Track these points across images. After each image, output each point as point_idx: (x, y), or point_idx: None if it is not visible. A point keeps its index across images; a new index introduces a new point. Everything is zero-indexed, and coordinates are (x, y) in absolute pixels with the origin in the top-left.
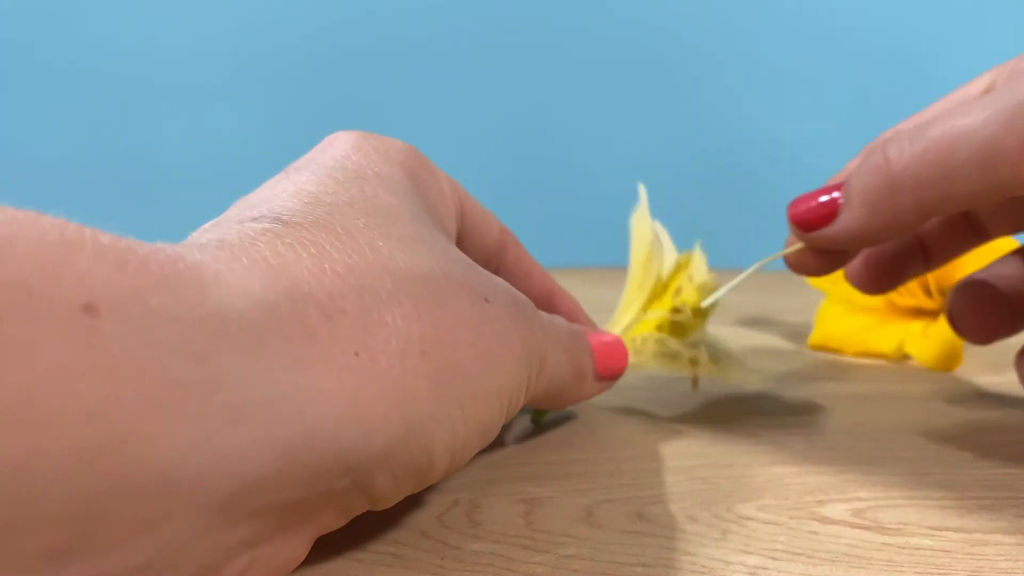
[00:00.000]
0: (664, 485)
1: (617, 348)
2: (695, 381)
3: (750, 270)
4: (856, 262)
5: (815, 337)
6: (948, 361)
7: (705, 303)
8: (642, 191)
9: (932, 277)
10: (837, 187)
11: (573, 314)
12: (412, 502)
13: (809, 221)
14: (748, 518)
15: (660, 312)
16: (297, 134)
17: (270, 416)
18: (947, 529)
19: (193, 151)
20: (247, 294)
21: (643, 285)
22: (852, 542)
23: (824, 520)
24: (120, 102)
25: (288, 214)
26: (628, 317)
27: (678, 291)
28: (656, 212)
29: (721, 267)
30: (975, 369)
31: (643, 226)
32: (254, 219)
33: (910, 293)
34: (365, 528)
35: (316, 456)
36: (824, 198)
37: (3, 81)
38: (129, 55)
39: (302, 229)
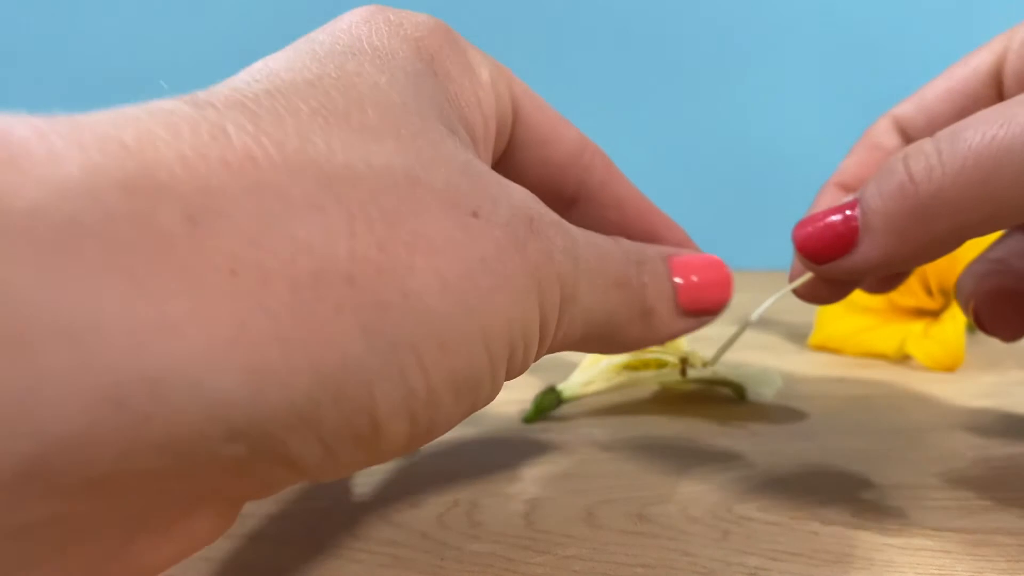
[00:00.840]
0: (664, 486)
1: (713, 272)
2: (683, 372)
3: (759, 311)
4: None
5: (816, 337)
6: (949, 361)
7: (710, 361)
8: None
9: (933, 277)
10: (850, 206)
11: (680, 244)
12: (411, 502)
13: (821, 252)
14: (748, 518)
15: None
16: None
17: (77, 352)
18: (948, 530)
19: None
20: (54, 181)
21: None
22: (853, 543)
23: (825, 520)
24: (120, 102)
25: (214, 93)
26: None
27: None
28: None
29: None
30: (976, 369)
31: None
32: (177, 100)
33: (911, 293)
34: (364, 528)
35: (170, 411)
36: (835, 219)
37: (2, 81)
38: (129, 54)
39: (210, 109)
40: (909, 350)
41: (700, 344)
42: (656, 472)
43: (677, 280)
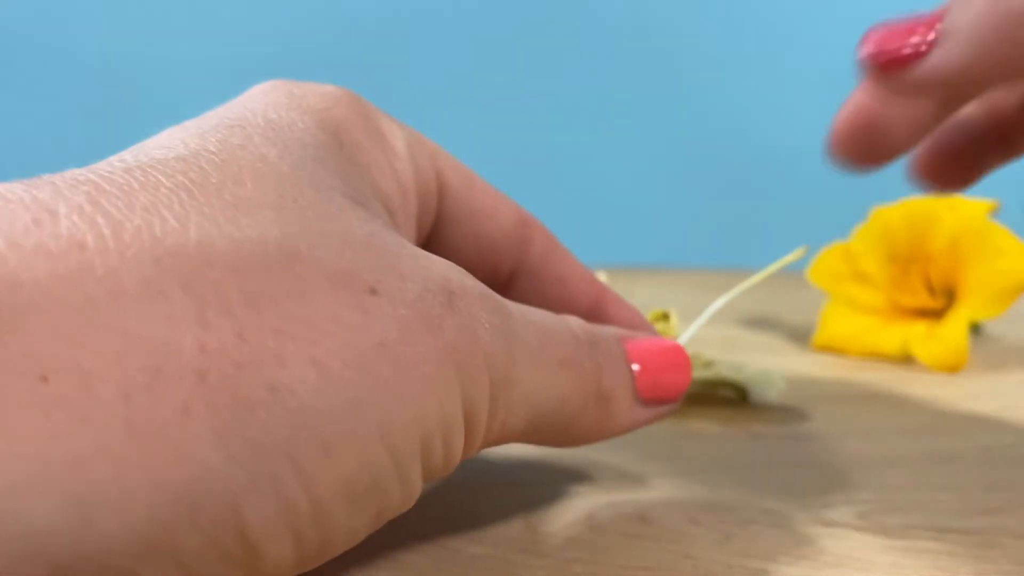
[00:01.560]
0: (666, 488)
1: (671, 357)
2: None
3: (747, 283)
4: (924, 150)
5: (819, 338)
6: (953, 362)
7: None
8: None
9: (936, 277)
10: (936, 14)
11: (632, 326)
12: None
13: (893, 56)
14: (751, 521)
15: None
16: None
17: None
18: (952, 531)
19: None
20: None
21: None
22: (856, 545)
23: (828, 523)
24: (120, 101)
25: (67, 172)
26: None
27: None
28: (661, 212)
29: (722, 268)
30: (980, 369)
31: None
32: (17, 181)
33: (914, 293)
34: None
35: None
36: (918, 21)
37: (3, 81)
38: (129, 54)
39: (46, 189)
40: (912, 351)
41: (700, 344)
42: (658, 474)
43: (634, 366)
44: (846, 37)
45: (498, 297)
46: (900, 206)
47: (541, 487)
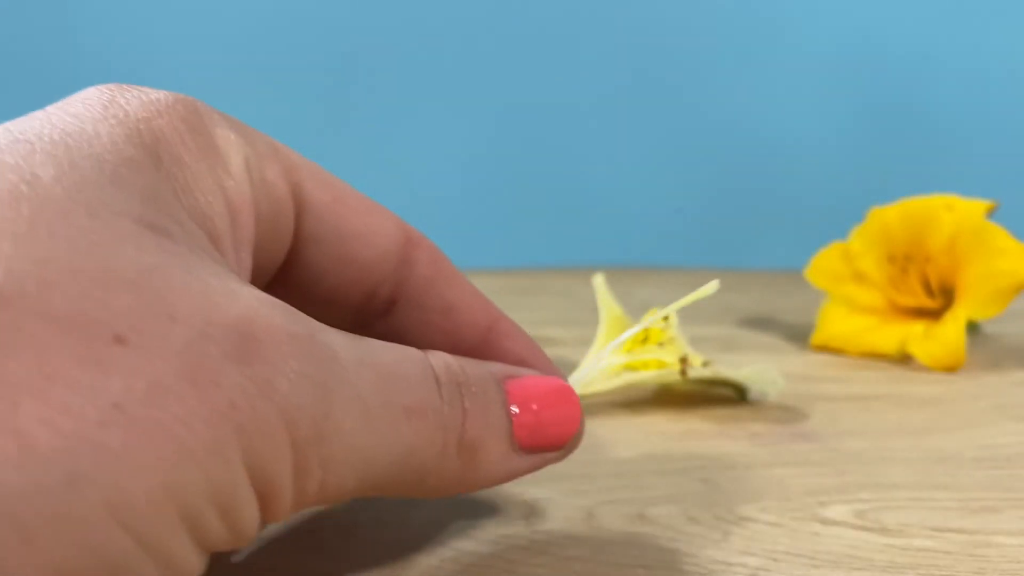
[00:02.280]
0: (665, 486)
1: (559, 400)
2: (683, 372)
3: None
4: None
5: (818, 337)
6: (951, 361)
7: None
8: (598, 280)
9: (934, 277)
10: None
11: (523, 360)
12: (410, 503)
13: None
14: (750, 519)
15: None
16: (301, 134)
17: None
18: (949, 530)
19: None
20: None
21: (620, 334)
22: (854, 543)
23: (826, 521)
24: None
25: None
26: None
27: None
28: (661, 212)
29: (722, 267)
30: (978, 369)
31: (608, 303)
32: None
33: (912, 293)
34: (364, 529)
35: None
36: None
37: (2, 80)
38: (130, 53)
39: None
40: (910, 350)
41: (700, 345)
42: (656, 472)
43: (514, 409)
44: (846, 38)
45: (320, 337)
46: (898, 206)
47: (541, 485)
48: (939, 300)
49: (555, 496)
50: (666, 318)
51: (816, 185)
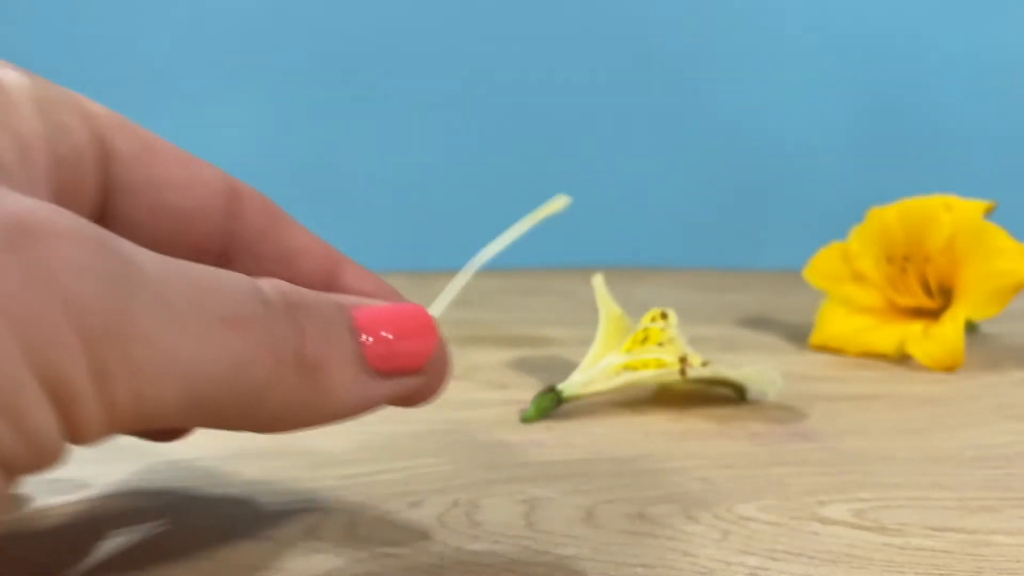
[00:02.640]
0: (664, 486)
1: (413, 323)
2: (683, 372)
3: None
4: None
5: (817, 337)
6: (949, 361)
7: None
8: (597, 280)
9: (933, 277)
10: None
11: (374, 297)
12: (411, 502)
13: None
14: (749, 518)
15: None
16: (301, 134)
17: None
18: (948, 530)
19: (195, 150)
20: None
21: (619, 334)
22: (853, 543)
23: (825, 521)
24: (121, 101)
25: None
26: (610, 358)
27: (665, 343)
28: (661, 212)
29: (722, 267)
30: (976, 369)
31: (607, 303)
32: None
33: (911, 293)
34: (365, 528)
35: None
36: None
37: None
38: (130, 53)
39: None
40: (909, 350)
41: (699, 344)
42: (656, 472)
43: (364, 337)
44: (846, 39)
45: (114, 243)
46: (897, 206)
47: (541, 485)
48: (938, 300)
49: (555, 495)
50: (666, 316)
51: (816, 185)
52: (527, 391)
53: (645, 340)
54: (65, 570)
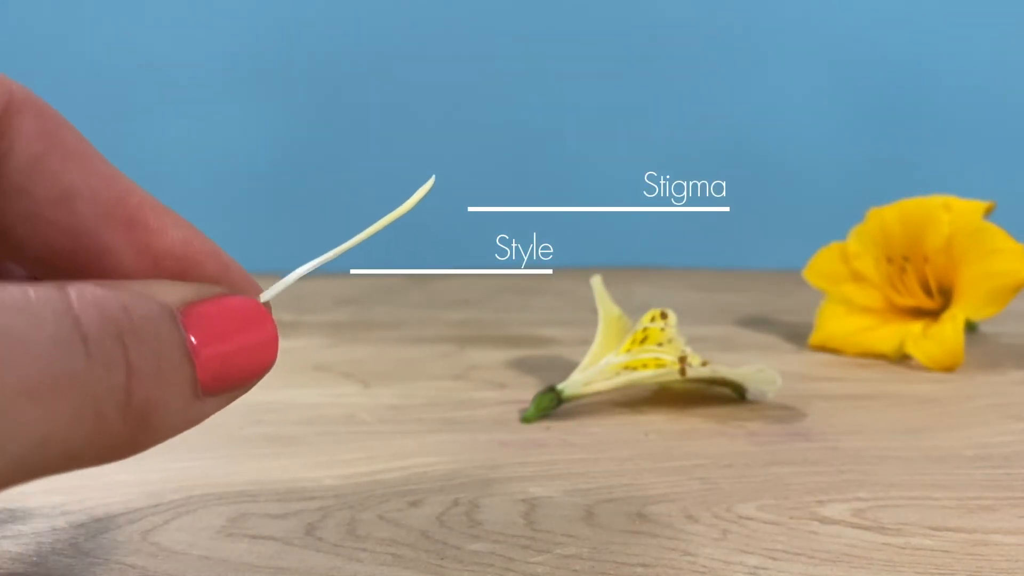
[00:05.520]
0: (664, 485)
1: (251, 327)
2: (683, 372)
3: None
4: None
5: (816, 337)
6: (948, 361)
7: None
8: (596, 281)
9: (932, 277)
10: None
11: (187, 256)
12: (411, 502)
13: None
14: (748, 518)
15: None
16: (301, 134)
17: None
18: (947, 529)
19: (195, 151)
20: None
21: (618, 334)
22: (852, 542)
23: (824, 520)
24: (121, 101)
25: None
26: (610, 357)
27: (664, 342)
28: (662, 211)
29: (722, 267)
30: (975, 369)
31: (606, 303)
32: None
33: (911, 293)
34: (365, 528)
35: None
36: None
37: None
38: (130, 52)
39: None
40: (908, 350)
41: (699, 344)
42: (656, 472)
43: (193, 340)
44: (846, 39)
45: None
46: (896, 206)
47: (541, 484)
48: (937, 300)
49: (555, 495)
50: (666, 316)
51: (816, 185)
52: (527, 391)
53: (644, 340)
54: (68, 567)
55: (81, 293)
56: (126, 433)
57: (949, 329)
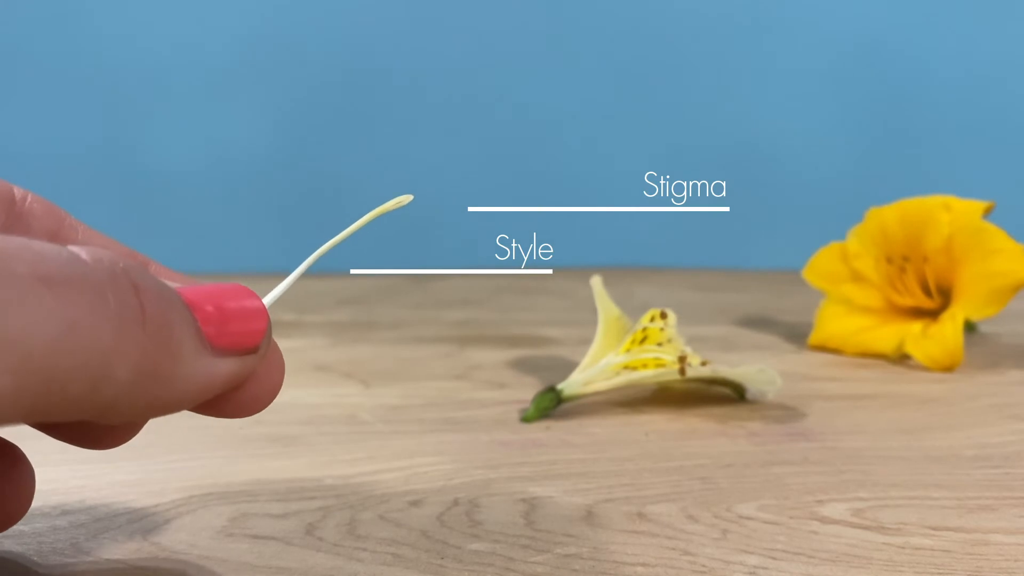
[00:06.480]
0: (664, 485)
1: (233, 295)
2: (683, 371)
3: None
4: None
5: (816, 337)
6: (948, 361)
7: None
8: (596, 281)
9: (932, 277)
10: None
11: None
12: (411, 502)
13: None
14: (748, 518)
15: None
16: (301, 134)
17: None
18: (947, 529)
19: (196, 150)
20: None
21: (618, 334)
22: (852, 542)
23: (824, 520)
24: (122, 101)
25: None
26: (610, 357)
27: (664, 342)
28: (661, 211)
29: (722, 267)
30: (975, 369)
31: (606, 304)
32: None
33: (910, 293)
34: (365, 528)
35: None
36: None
37: (2, 80)
38: (131, 52)
39: None
40: (908, 350)
41: (699, 344)
42: (656, 471)
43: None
44: (846, 39)
45: None
46: (896, 206)
47: (540, 484)
48: (937, 300)
49: (555, 494)
50: (666, 316)
51: (815, 185)
52: (527, 391)
53: (644, 340)
54: (68, 567)
55: (80, 246)
56: (150, 344)
57: (949, 329)
